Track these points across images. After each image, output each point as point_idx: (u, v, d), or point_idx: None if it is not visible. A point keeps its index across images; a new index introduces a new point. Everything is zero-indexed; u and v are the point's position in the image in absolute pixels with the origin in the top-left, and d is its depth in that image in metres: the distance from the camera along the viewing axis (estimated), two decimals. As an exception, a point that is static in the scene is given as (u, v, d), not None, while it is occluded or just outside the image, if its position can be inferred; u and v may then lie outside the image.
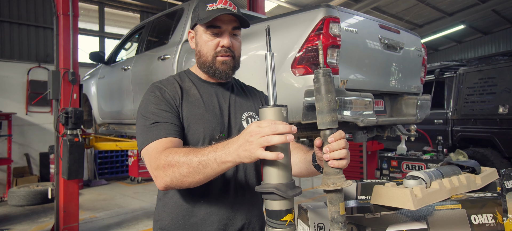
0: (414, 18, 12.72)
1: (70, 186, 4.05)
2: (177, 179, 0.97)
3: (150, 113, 1.12)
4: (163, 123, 1.10)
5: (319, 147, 1.00)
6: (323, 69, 0.97)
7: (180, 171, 0.96)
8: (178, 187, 1.01)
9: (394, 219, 1.20)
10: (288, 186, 0.88)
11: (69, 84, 3.95)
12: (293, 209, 0.90)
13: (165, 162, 0.98)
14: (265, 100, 1.41)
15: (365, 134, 3.21)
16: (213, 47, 1.20)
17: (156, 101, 1.14)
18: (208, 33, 1.20)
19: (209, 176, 0.96)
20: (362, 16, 2.69)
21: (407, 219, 1.21)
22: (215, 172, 0.94)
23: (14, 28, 7.74)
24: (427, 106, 3.42)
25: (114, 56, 5.03)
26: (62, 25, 3.96)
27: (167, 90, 1.18)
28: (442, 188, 1.27)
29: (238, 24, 1.22)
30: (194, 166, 0.94)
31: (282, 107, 0.92)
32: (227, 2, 1.17)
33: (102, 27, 9.14)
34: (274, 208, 0.89)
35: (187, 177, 0.96)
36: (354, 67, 2.62)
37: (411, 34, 3.27)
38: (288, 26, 2.57)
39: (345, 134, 0.99)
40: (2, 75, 7.52)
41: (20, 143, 7.68)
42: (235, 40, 1.23)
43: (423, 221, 1.21)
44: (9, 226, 5.09)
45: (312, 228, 1.15)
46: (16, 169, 7.44)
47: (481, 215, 1.26)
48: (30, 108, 7.77)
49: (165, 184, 1.00)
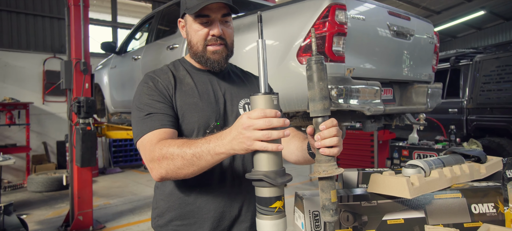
0: (431, 4, 12.37)
1: (83, 173, 4.16)
2: (172, 171, 0.98)
3: (144, 104, 1.12)
4: (157, 114, 1.10)
5: (311, 135, 0.99)
6: (316, 56, 0.96)
7: (174, 164, 0.97)
8: (173, 178, 1.02)
9: (391, 208, 1.19)
10: (277, 173, 0.88)
11: (81, 74, 4.03)
12: (283, 196, 0.90)
13: (159, 154, 0.99)
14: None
15: (374, 123, 3.18)
16: (203, 37, 1.18)
17: (150, 92, 1.14)
18: (197, 23, 1.17)
19: (204, 168, 0.97)
20: (370, 3, 2.63)
21: (405, 207, 1.20)
22: (209, 163, 0.95)
23: (29, 20, 7.90)
24: (438, 94, 3.35)
25: (125, 46, 5.09)
26: (73, 16, 4.02)
27: (160, 80, 1.17)
28: (441, 177, 1.25)
29: (228, 11, 1.19)
30: (188, 158, 0.95)
31: (272, 95, 0.91)
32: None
33: (115, 17, 9.24)
34: (263, 195, 0.90)
35: (182, 169, 0.97)
36: (362, 55, 2.58)
37: (422, 21, 3.19)
38: (293, 14, 2.54)
39: (355, 124, 0.98)
40: (19, 66, 7.72)
41: (37, 132, 7.91)
42: (226, 27, 1.21)
43: (421, 210, 1.20)
44: (28, 211, 5.29)
45: (307, 216, 1.16)
46: (34, 156, 7.68)
47: (482, 204, 1.24)
48: (47, 97, 7.97)
49: (160, 175, 1.01)
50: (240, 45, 2.81)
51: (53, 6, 8.05)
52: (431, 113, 5.87)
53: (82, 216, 4.16)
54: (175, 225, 1.18)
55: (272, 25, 2.69)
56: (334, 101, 2.34)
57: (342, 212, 1.17)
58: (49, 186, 6.36)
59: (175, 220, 1.18)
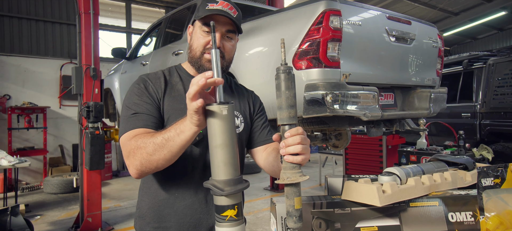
0: (449, 6, 12.09)
1: (93, 176, 4.28)
2: (145, 159, 1.01)
3: (132, 103, 1.17)
4: (142, 114, 1.15)
5: (278, 142, 1.02)
6: (284, 66, 0.98)
7: (146, 150, 1.01)
8: (147, 169, 1.04)
9: (364, 215, 1.19)
10: (228, 182, 0.90)
11: (90, 80, 4.16)
12: (236, 205, 0.91)
13: (134, 146, 1.04)
14: (253, 100, 1.42)
15: (376, 129, 3.15)
16: (203, 44, 1.23)
17: (139, 93, 1.19)
18: (203, 30, 1.23)
19: (173, 151, 1.00)
20: (367, 8, 2.63)
21: (379, 215, 1.20)
22: (177, 144, 0.98)
23: (48, 27, 8.19)
24: (442, 99, 3.29)
25: (135, 51, 5.21)
26: (83, 23, 4.16)
27: (151, 83, 1.23)
28: (418, 185, 1.25)
29: (233, 28, 1.24)
30: (158, 142, 1.00)
31: (222, 105, 0.93)
32: (228, 6, 1.20)
33: (129, 23, 9.46)
34: (216, 202, 0.92)
35: (153, 155, 1.00)
36: (359, 61, 2.58)
37: (425, 24, 3.15)
38: (290, 20, 2.57)
39: (364, 128, 0.99)
40: (38, 71, 8.01)
41: (54, 135, 8.17)
42: (228, 42, 1.25)
43: (396, 217, 1.20)
44: (43, 211, 5.47)
45: (279, 222, 1.17)
46: (51, 159, 7.93)
47: (459, 213, 1.23)
48: (63, 102, 8.22)
49: (136, 168, 1.04)
50: (242, 50, 2.85)
51: (70, 14, 8.32)
52: (444, 118, 5.75)
53: (91, 218, 4.28)
54: (152, 227, 1.22)
55: (270, 32, 2.72)
56: (329, 107, 2.34)
57: (314, 218, 1.18)
58: (64, 188, 6.55)
59: (153, 222, 1.22)
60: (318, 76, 2.37)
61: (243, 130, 1.32)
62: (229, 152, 0.92)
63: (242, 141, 1.32)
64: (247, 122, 1.35)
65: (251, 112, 1.39)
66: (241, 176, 0.97)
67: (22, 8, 7.83)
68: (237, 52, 1.37)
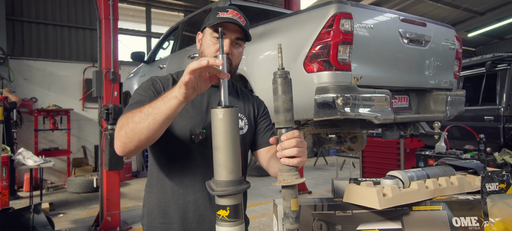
0: (473, 5, 11.73)
1: (112, 177, 4.42)
2: (130, 129, 1.02)
3: (137, 95, 1.24)
4: (143, 102, 1.17)
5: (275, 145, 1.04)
6: (280, 71, 1.01)
7: (133, 119, 1.03)
8: (131, 141, 1.03)
9: (366, 218, 1.20)
10: (220, 183, 0.93)
11: (110, 83, 4.30)
12: (228, 207, 0.93)
13: (124, 119, 1.06)
14: (258, 104, 1.46)
15: (393, 132, 3.11)
16: (214, 51, 1.28)
17: (146, 88, 1.27)
18: (213, 37, 1.29)
19: (158, 119, 1.00)
20: (379, 11, 2.61)
21: (381, 218, 1.20)
22: (162, 111, 0.99)
23: (72, 32, 8.50)
24: (460, 102, 3.21)
25: (153, 55, 5.35)
26: (103, 28, 4.30)
27: (159, 82, 1.30)
28: (421, 189, 1.24)
29: (242, 36, 1.31)
30: (145, 111, 1.02)
31: (229, 108, 0.96)
32: (237, 15, 1.27)
33: (149, 27, 9.68)
34: (215, 201, 0.96)
35: (139, 123, 1.01)
36: (371, 64, 2.56)
37: (441, 26, 3.09)
38: (301, 23, 2.58)
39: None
40: (62, 75, 8.31)
41: (77, 136, 8.45)
42: (236, 49, 1.32)
43: (398, 221, 1.20)
44: (65, 210, 5.67)
45: (280, 222, 1.19)
46: (74, 159, 8.21)
47: (464, 218, 1.22)
48: (86, 104, 8.50)
49: (120, 140, 1.04)
50: (255, 54, 2.89)
51: (93, 19, 8.60)
52: (466, 121, 5.59)
53: (110, 217, 4.41)
54: (159, 222, 1.27)
55: (282, 35, 2.74)
56: (340, 109, 2.34)
57: (315, 220, 1.19)
58: (86, 188, 6.77)
59: (159, 218, 1.27)
60: (329, 79, 2.37)
61: (246, 132, 1.36)
62: (226, 154, 0.95)
63: (246, 142, 1.36)
64: (251, 124, 1.39)
65: (255, 115, 1.43)
66: (241, 178, 0.99)
67: (48, 15, 8.16)
68: (251, 56, 1.41)
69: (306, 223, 1.19)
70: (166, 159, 1.27)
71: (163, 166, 1.29)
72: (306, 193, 6.60)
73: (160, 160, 1.29)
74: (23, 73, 7.83)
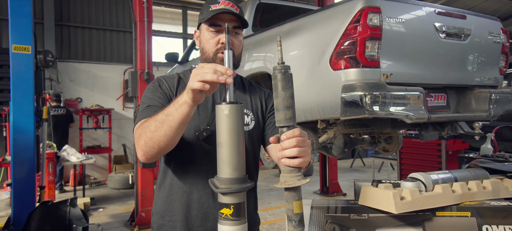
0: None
1: (146, 174, 4.56)
2: (148, 138, 1.06)
3: (146, 98, 1.26)
4: (154, 106, 1.22)
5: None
6: (280, 65, 0.96)
7: (150, 128, 1.06)
8: (151, 149, 1.07)
9: (383, 222, 1.12)
10: (224, 180, 0.91)
11: (144, 83, 4.43)
12: (232, 205, 0.91)
13: (141, 129, 1.10)
14: (266, 98, 1.43)
15: (428, 132, 2.93)
16: (214, 44, 1.27)
17: (153, 90, 1.28)
18: (210, 31, 1.27)
19: (173, 126, 1.03)
20: (412, 4, 2.46)
21: (400, 223, 1.12)
22: (176, 118, 1.02)
23: (113, 35, 8.92)
24: (507, 100, 2.95)
25: (187, 56, 5.45)
26: (138, 30, 4.45)
27: (165, 82, 1.31)
28: (446, 193, 1.13)
29: (238, 24, 1.27)
30: (159, 119, 1.05)
31: (233, 105, 0.94)
32: (229, 4, 1.24)
33: (185, 29, 9.93)
34: (218, 199, 0.93)
35: (155, 132, 1.05)
36: (403, 60, 2.42)
37: (484, 18, 2.86)
38: (327, 19, 2.50)
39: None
40: (104, 76, 8.75)
41: (118, 135, 8.84)
42: (235, 38, 1.28)
43: (419, 227, 1.11)
44: (105, 205, 5.95)
45: (290, 225, 1.15)
46: (115, 157, 8.60)
47: (497, 226, 1.10)
48: (126, 104, 8.88)
49: (141, 149, 1.09)
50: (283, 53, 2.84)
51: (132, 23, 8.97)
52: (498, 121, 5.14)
53: (144, 213, 4.55)
54: (165, 220, 1.28)
55: (307, 32, 2.67)
56: (367, 108, 2.23)
57: (328, 223, 1.14)
58: (124, 184, 7.07)
59: (165, 216, 1.28)
60: (356, 76, 2.27)
61: (253, 128, 1.33)
62: (230, 151, 0.93)
63: (253, 138, 1.32)
64: (258, 119, 1.35)
65: (264, 110, 1.39)
66: (245, 176, 0.96)
67: (92, 19, 8.62)
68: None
69: (319, 226, 1.14)
70: (172, 156, 1.27)
71: (169, 163, 1.29)
72: (340, 195, 6.44)
73: (167, 157, 1.29)
74: (69, 75, 8.33)
